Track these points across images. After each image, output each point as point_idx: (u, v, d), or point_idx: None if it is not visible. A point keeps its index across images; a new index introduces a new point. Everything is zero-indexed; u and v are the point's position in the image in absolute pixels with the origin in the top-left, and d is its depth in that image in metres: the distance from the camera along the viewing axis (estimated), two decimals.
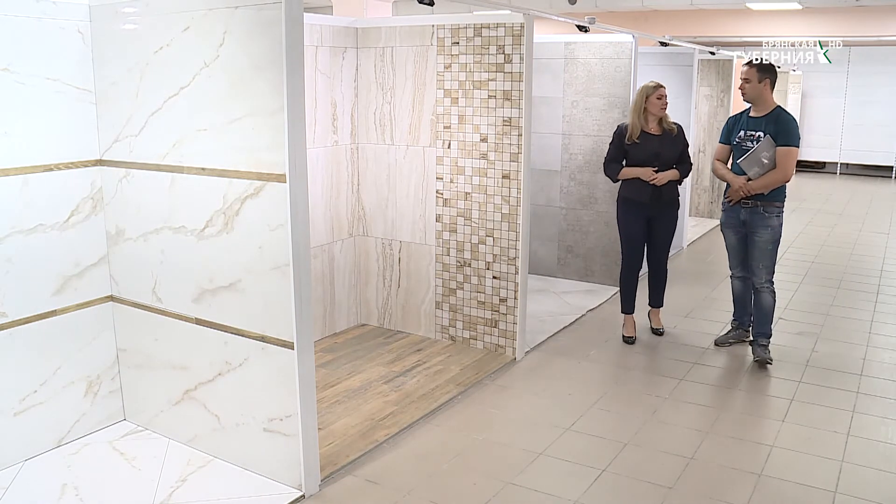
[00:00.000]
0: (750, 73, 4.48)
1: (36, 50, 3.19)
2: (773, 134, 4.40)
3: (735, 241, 4.76)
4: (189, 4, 3.05)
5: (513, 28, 4.37)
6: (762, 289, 4.63)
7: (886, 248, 8.14)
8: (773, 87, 4.52)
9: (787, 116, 4.47)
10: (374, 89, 4.86)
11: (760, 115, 4.49)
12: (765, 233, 4.56)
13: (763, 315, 4.68)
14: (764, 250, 4.57)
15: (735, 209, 4.62)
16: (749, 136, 4.51)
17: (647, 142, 4.75)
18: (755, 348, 4.70)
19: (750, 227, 4.59)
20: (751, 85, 4.48)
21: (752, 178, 4.45)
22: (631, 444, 3.63)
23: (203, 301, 3.28)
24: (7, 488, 3.14)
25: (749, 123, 4.54)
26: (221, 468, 3.32)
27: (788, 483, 3.30)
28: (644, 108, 4.75)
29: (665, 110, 4.79)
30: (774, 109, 4.48)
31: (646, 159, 4.75)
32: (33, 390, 3.35)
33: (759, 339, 4.71)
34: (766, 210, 4.53)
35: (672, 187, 4.86)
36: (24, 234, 3.24)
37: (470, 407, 4.02)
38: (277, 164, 2.89)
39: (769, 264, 4.61)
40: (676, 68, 7.66)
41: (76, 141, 3.41)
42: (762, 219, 4.53)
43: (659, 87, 4.76)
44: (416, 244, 4.92)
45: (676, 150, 4.82)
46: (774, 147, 4.38)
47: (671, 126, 4.82)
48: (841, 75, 14.55)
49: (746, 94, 4.51)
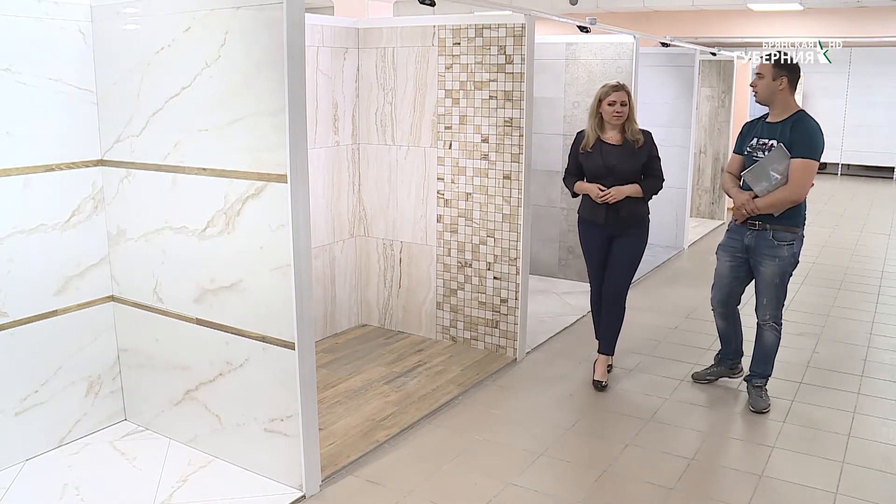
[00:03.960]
0: (764, 69, 3.78)
1: (37, 50, 3.19)
2: (788, 142, 3.70)
3: (726, 269, 4.05)
4: (190, 5, 3.05)
5: (514, 29, 4.37)
6: (764, 325, 3.99)
7: (887, 249, 8.13)
8: (793, 87, 3.78)
9: (808, 123, 3.72)
10: (375, 90, 4.86)
11: (777, 121, 3.80)
12: (770, 264, 3.83)
13: (763, 353, 4.05)
14: (769, 284, 3.88)
15: (740, 231, 3.94)
16: (761, 144, 3.82)
17: (600, 153, 4.06)
18: (749, 390, 4.09)
19: (754, 254, 3.89)
20: (764, 82, 3.77)
21: (758, 194, 3.77)
22: (632, 445, 3.63)
23: (204, 301, 3.28)
24: (8, 488, 3.14)
25: (764, 130, 3.85)
26: (222, 468, 3.32)
27: (789, 484, 3.30)
28: (599, 112, 4.08)
29: (621, 119, 4.03)
30: (795, 114, 3.77)
31: (597, 173, 4.08)
32: (34, 390, 3.35)
33: (754, 378, 4.07)
34: (775, 236, 3.80)
35: (635, 204, 4.10)
36: (25, 235, 3.24)
37: (471, 407, 4.02)
38: (279, 165, 2.89)
39: (774, 301, 3.91)
40: (677, 69, 7.67)
41: (77, 141, 3.41)
42: (769, 246, 3.82)
43: (615, 90, 4.00)
44: (417, 245, 4.92)
45: (637, 163, 4.06)
46: (788, 158, 3.67)
47: (636, 135, 4.06)
48: (842, 76, 14.55)
49: (758, 92, 3.82)
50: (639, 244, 4.23)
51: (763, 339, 4.02)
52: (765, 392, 4.04)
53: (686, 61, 7.62)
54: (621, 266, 4.22)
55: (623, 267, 4.22)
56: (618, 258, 4.21)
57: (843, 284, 6.63)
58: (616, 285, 4.25)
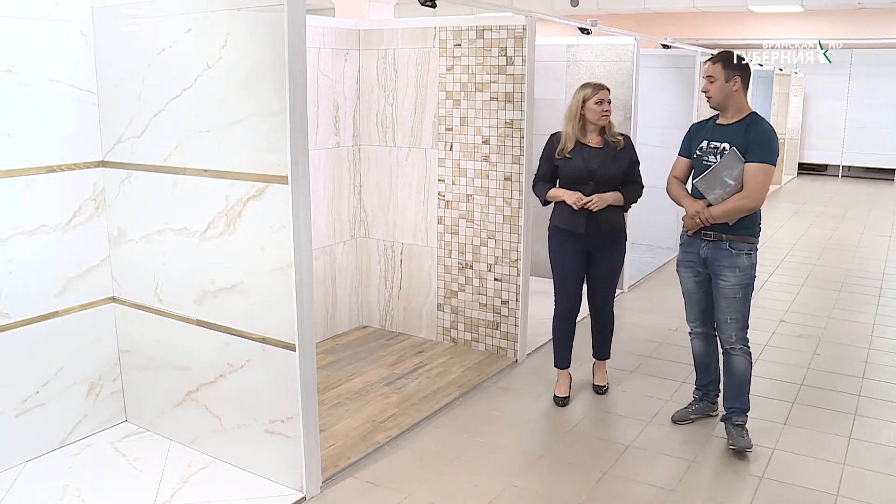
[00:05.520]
0: (714, 70, 3.45)
1: (39, 51, 3.20)
2: (742, 146, 3.39)
3: (693, 285, 3.70)
4: (191, 6, 3.06)
5: (515, 30, 4.37)
6: (732, 350, 3.58)
7: (888, 251, 8.13)
8: (746, 87, 3.49)
9: (762, 126, 3.44)
10: (376, 91, 4.87)
11: (730, 123, 3.49)
12: (731, 276, 3.49)
13: (735, 385, 3.62)
14: (731, 299, 3.52)
15: (694, 243, 3.60)
16: (712, 148, 3.50)
17: (580, 156, 3.80)
18: (728, 429, 3.63)
19: (712, 267, 3.54)
20: (716, 85, 3.45)
21: (712, 202, 3.46)
22: (633, 447, 3.63)
23: (205, 302, 3.28)
24: (8, 489, 3.14)
25: (714, 132, 3.53)
26: (223, 470, 3.32)
27: (790, 486, 3.30)
28: (581, 114, 3.82)
29: (608, 118, 3.81)
30: (748, 116, 3.47)
31: (577, 178, 3.80)
32: (35, 391, 3.35)
33: (733, 416, 3.63)
34: (732, 246, 3.48)
35: (614, 214, 3.86)
36: (26, 236, 3.24)
37: (471, 409, 4.02)
38: (279, 166, 2.89)
39: (739, 317, 3.54)
40: (678, 71, 7.66)
41: (78, 142, 3.41)
42: (727, 257, 3.48)
43: (600, 89, 3.78)
44: (418, 246, 4.92)
45: (620, 167, 3.82)
46: (742, 163, 3.38)
47: (616, 137, 3.84)
48: (843, 78, 14.55)
49: (712, 98, 3.49)
50: (619, 256, 4.05)
51: (733, 366, 3.61)
52: (746, 431, 3.60)
53: (687, 63, 7.62)
54: (605, 282, 4.02)
55: (607, 283, 4.04)
56: (601, 274, 3.99)
57: (843, 286, 6.62)
58: (603, 302, 4.09)
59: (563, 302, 4.05)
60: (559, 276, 4.02)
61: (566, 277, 3.99)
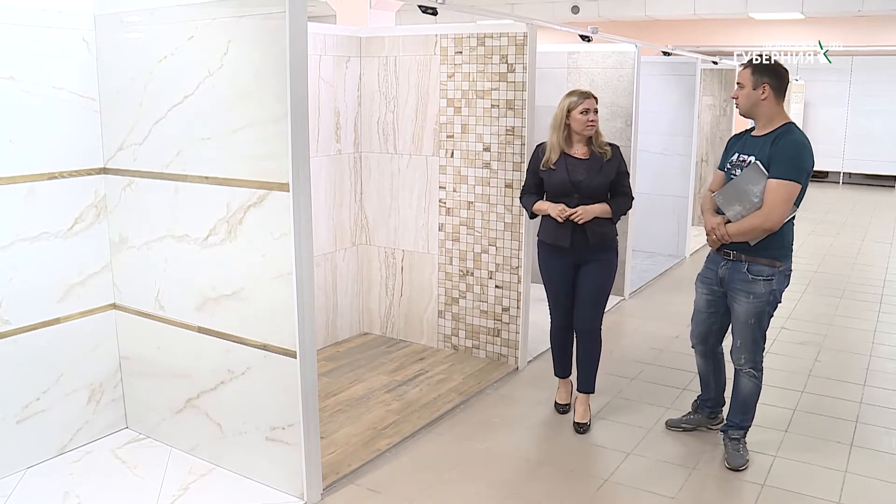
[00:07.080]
0: (743, 76, 3.26)
1: (41, 59, 3.21)
2: (767, 159, 3.16)
3: (703, 303, 3.56)
4: (193, 13, 3.07)
5: (516, 38, 4.38)
6: (741, 371, 3.46)
7: (889, 258, 8.13)
8: (779, 95, 3.23)
9: (791, 138, 3.17)
10: (377, 98, 4.87)
11: (761, 135, 3.27)
12: (744, 301, 3.31)
13: (740, 402, 3.51)
14: (743, 324, 3.34)
15: (716, 259, 3.45)
16: (740, 161, 3.29)
17: (565, 168, 3.65)
18: (725, 443, 3.56)
19: (728, 288, 3.38)
20: (744, 92, 3.26)
21: (731, 219, 3.28)
22: (633, 454, 3.62)
23: (206, 309, 3.28)
24: (9, 496, 3.13)
25: (746, 145, 3.33)
26: (223, 477, 3.31)
27: (791, 494, 3.29)
28: (566, 124, 3.69)
29: (594, 128, 3.65)
30: (780, 127, 3.22)
31: (562, 190, 3.66)
32: (36, 398, 3.35)
33: (731, 430, 3.54)
34: (750, 269, 3.27)
35: (603, 226, 3.68)
36: (27, 242, 3.25)
37: (472, 416, 4.01)
38: (281, 173, 2.90)
39: (750, 345, 3.37)
40: (679, 78, 7.67)
41: (80, 149, 3.42)
42: (743, 281, 3.30)
43: (586, 98, 3.63)
44: (419, 253, 4.92)
45: (606, 179, 3.66)
46: (766, 178, 3.16)
47: (603, 148, 3.69)
48: (843, 84, 14.57)
49: (740, 104, 3.30)
50: (609, 270, 3.78)
51: (739, 386, 3.50)
52: (743, 446, 3.51)
53: (687, 70, 7.63)
54: (592, 298, 3.78)
55: (594, 299, 3.78)
56: (587, 289, 3.76)
57: (844, 293, 6.62)
58: (589, 320, 3.81)
59: (558, 318, 3.95)
60: (550, 291, 3.91)
61: (557, 292, 3.87)
